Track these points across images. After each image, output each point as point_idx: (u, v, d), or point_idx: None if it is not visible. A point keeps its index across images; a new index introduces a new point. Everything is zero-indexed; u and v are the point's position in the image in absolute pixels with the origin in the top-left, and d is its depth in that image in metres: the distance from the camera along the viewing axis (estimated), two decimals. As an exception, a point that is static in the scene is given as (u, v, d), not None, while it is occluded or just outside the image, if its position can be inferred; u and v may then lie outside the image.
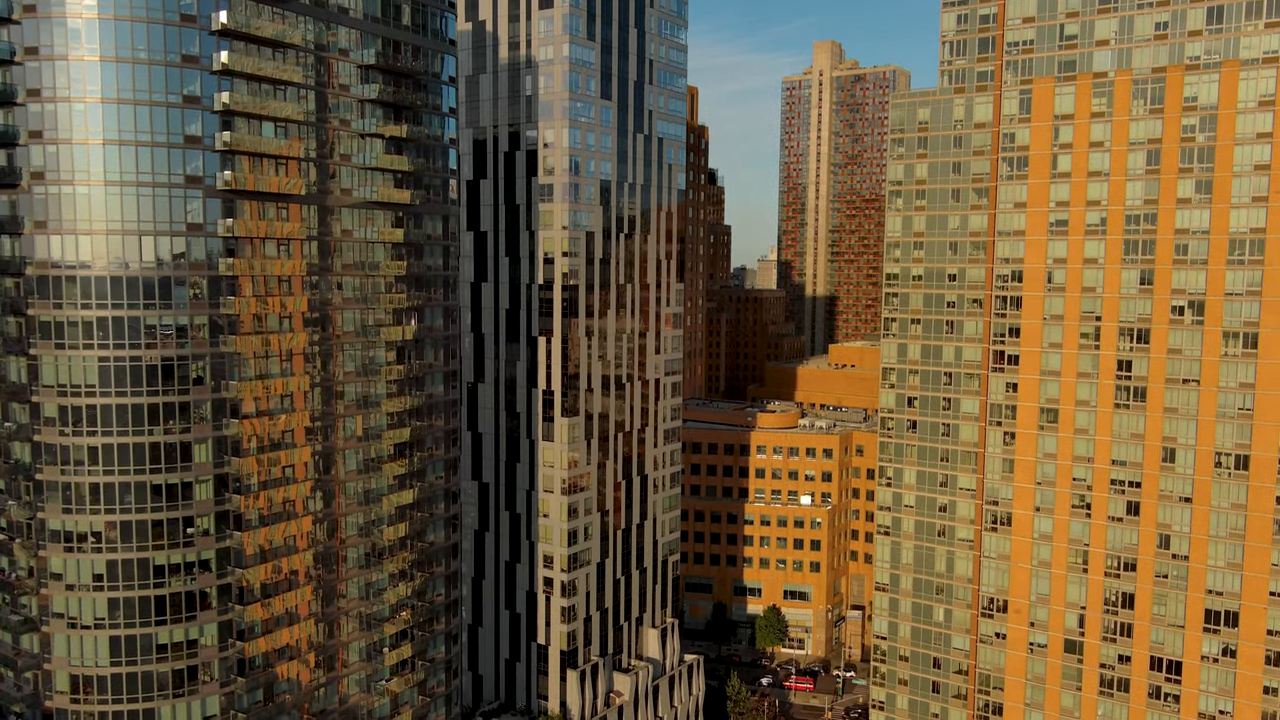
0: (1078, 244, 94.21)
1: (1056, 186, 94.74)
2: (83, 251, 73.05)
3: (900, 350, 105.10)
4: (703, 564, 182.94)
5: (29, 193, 73.07)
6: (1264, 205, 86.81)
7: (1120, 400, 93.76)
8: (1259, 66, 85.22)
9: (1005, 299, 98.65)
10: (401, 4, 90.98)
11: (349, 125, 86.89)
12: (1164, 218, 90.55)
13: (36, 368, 74.11)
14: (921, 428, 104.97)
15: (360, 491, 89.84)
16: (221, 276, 76.83)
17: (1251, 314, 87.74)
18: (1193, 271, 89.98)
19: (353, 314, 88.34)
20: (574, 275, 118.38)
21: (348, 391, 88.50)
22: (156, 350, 74.54)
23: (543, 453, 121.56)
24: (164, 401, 74.92)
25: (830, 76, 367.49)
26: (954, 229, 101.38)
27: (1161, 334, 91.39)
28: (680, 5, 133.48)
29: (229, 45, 76.16)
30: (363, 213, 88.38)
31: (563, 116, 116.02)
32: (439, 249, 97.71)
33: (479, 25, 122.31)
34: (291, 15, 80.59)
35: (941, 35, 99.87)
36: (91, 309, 73.24)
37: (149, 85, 73.51)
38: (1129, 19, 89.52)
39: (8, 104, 72.93)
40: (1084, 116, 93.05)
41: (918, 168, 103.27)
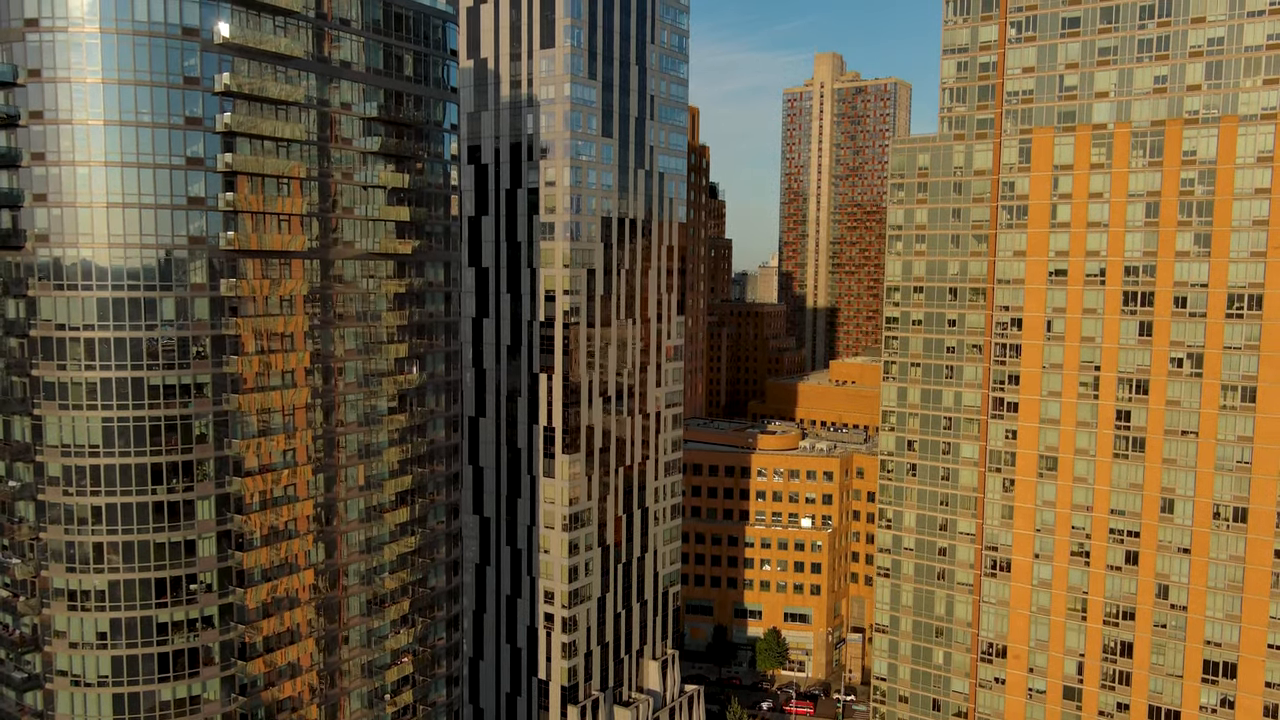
0: (1077, 294, 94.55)
1: (1056, 236, 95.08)
2: (87, 313, 73.42)
3: (900, 394, 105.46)
4: (703, 586, 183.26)
5: (33, 253, 73.46)
6: (1262, 260, 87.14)
7: (1119, 450, 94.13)
8: (1257, 122, 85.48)
9: (1005, 346, 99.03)
10: (403, 55, 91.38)
11: (351, 177, 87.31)
12: (1163, 270, 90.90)
13: (40, 427, 74.53)
14: (921, 471, 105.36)
15: (362, 540, 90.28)
16: (225, 335, 77.22)
17: (1250, 368, 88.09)
18: (1191, 324, 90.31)
19: (354, 365, 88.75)
20: (575, 312, 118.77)
21: (349, 442, 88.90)
22: (160, 409, 74.95)
23: (543, 488, 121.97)
24: (167, 461, 75.34)
25: (831, 88, 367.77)
26: (954, 274, 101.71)
27: (1160, 385, 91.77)
28: (681, 40, 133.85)
29: (231, 106, 76.56)
30: (364, 264, 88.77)
31: (564, 155, 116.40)
32: (440, 295, 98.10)
33: (480, 63, 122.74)
34: (294, 72, 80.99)
35: (941, 82, 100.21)
36: (95, 370, 73.64)
37: (152, 147, 73.89)
38: (1128, 72, 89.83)
39: (12, 166, 73.33)
40: (1083, 167, 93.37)
41: (917, 213, 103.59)
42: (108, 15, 71.87)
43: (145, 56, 72.94)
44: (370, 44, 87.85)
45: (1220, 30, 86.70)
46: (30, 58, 72.13)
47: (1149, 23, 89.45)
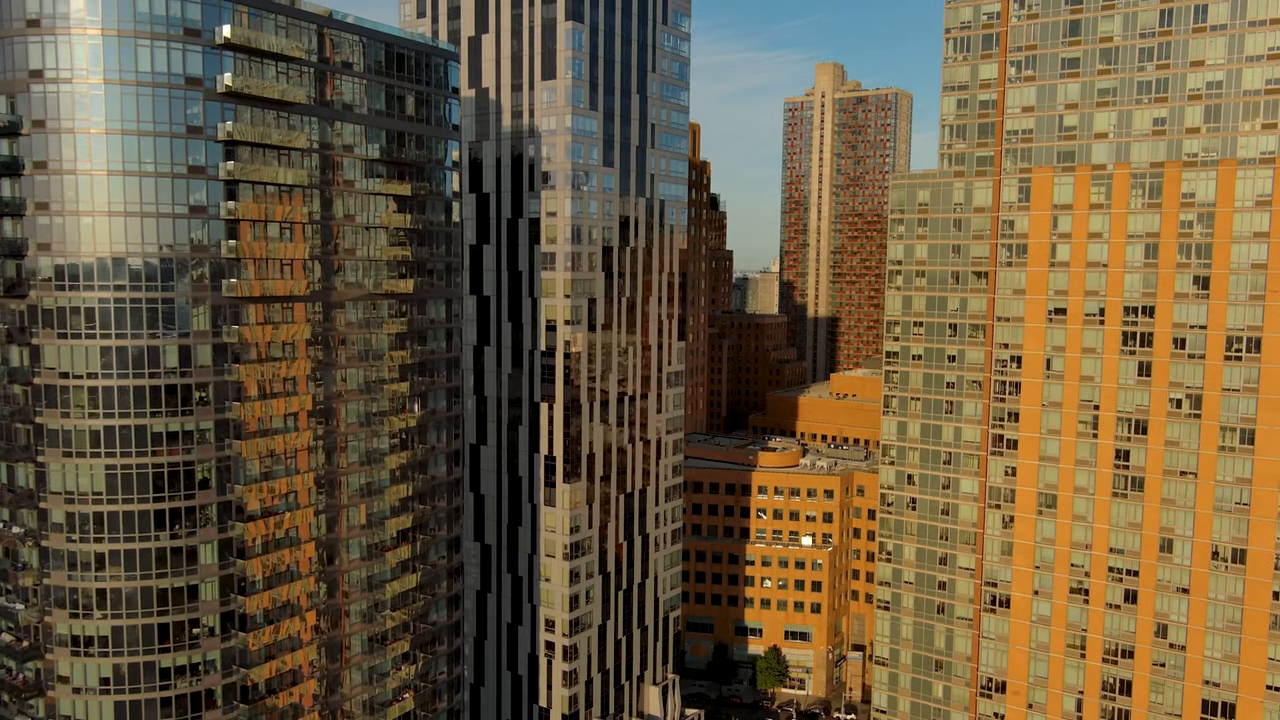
0: (1076, 333, 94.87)
1: (1055, 275, 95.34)
2: (91, 362, 73.80)
3: (900, 428, 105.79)
4: (704, 604, 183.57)
5: (38, 300, 73.85)
6: (1260, 304, 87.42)
7: (1118, 489, 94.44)
8: (1256, 166, 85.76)
9: (1004, 383, 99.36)
10: (405, 94, 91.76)
11: (353, 219, 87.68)
12: (1161, 311, 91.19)
13: (44, 474, 74.92)
14: (921, 505, 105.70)
15: (364, 578, 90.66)
16: (227, 381, 77.61)
17: (1249, 410, 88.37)
18: (1190, 365, 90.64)
19: (356, 405, 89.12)
20: (576, 341, 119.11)
21: (351, 481, 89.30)
22: (163, 456, 75.36)
23: (544, 517, 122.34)
24: (170, 507, 75.77)
25: (832, 98, 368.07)
26: (953, 310, 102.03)
27: (1159, 426, 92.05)
28: (682, 67, 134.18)
29: (234, 153, 76.93)
30: (366, 303, 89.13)
31: (565, 186, 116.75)
32: (442, 331, 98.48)
33: (482, 92, 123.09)
34: (297, 118, 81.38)
35: (941, 118, 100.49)
36: (99, 418, 74.01)
37: (155, 195, 74.25)
38: (1127, 113, 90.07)
39: (16, 215, 73.77)
40: (1083, 207, 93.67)
41: (917, 248, 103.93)
42: (111, 66, 72.27)
43: (149, 106, 73.35)
44: (372, 86, 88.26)
45: (1219, 74, 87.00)
46: (34, 109, 72.54)
47: (1148, 65, 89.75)
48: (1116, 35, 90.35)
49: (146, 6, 72.95)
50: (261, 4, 78.17)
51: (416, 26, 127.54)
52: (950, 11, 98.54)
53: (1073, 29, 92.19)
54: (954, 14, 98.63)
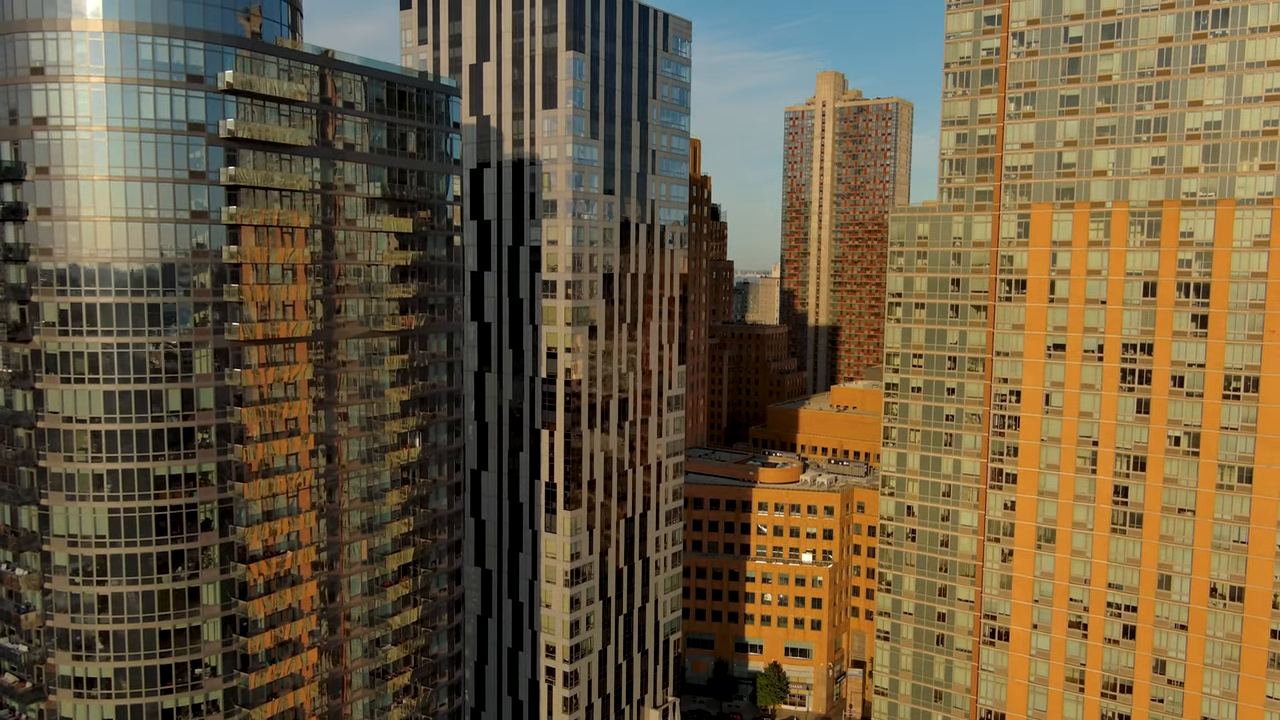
0: (1075, 369, 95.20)
1: (1054, 311, 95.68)
2: (94, 406, 74.21)
3: (899, 459, 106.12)
4: (704, 620, 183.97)
5: (42, 347, 74.27)
6: (1259, 344, 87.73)
7: (1117, 525, 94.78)
8: (1254, 206, 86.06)
9: (1004, 418, 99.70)
10: (407, 132, 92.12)
11: (355, 257, 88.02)
12: (1160, 349, 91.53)
13: (48, 517, 75.33)
14: (920, 537, 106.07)
15: (365, 614, 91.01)
16: (230, 424, 77.99)
17: (1247, 449, 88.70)
18: (1189, 404, 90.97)
19: (357, 442, 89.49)
20: (576, 369, 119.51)
21: (353, 518, 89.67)
22: (166, 499, 75.77)
23: (545, 544, 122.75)
24: (172, 550, 76.18)
25: (833, 107, 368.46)
26: (953, 343, 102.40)
27: (1158, 463, 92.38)
28: (682, 93, 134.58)
29: (237, 197, 77.30)
30: (368, 341, 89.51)
31: (566, 214, 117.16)
32: (443, 365, 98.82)
33: (484, 120, 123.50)
34: (299, 160, 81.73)
35: (941, 152, 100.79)
36: (102, 461, 74.42)
37: (158, 240, 74.65)
38: (1126, 152, 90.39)
39: (21, 261, 74.18)
40: (1081, 244, 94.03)
41: (917, 281, 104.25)
42: (114, 113, 72.66)
43: (151, 153, 73.76)
44: (374, 124, 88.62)
45: (1217, 114, 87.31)
46: (38, 155, 72.97)
47: (1147, 104, 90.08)
48: (1115, 74, 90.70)
49: (150, 54, 73.37)
50: (263, 47, 78.55)
51: (418, 53, 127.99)
52: (950, 47, 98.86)
53: (1072, 66, 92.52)
54: (953, 49, 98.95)
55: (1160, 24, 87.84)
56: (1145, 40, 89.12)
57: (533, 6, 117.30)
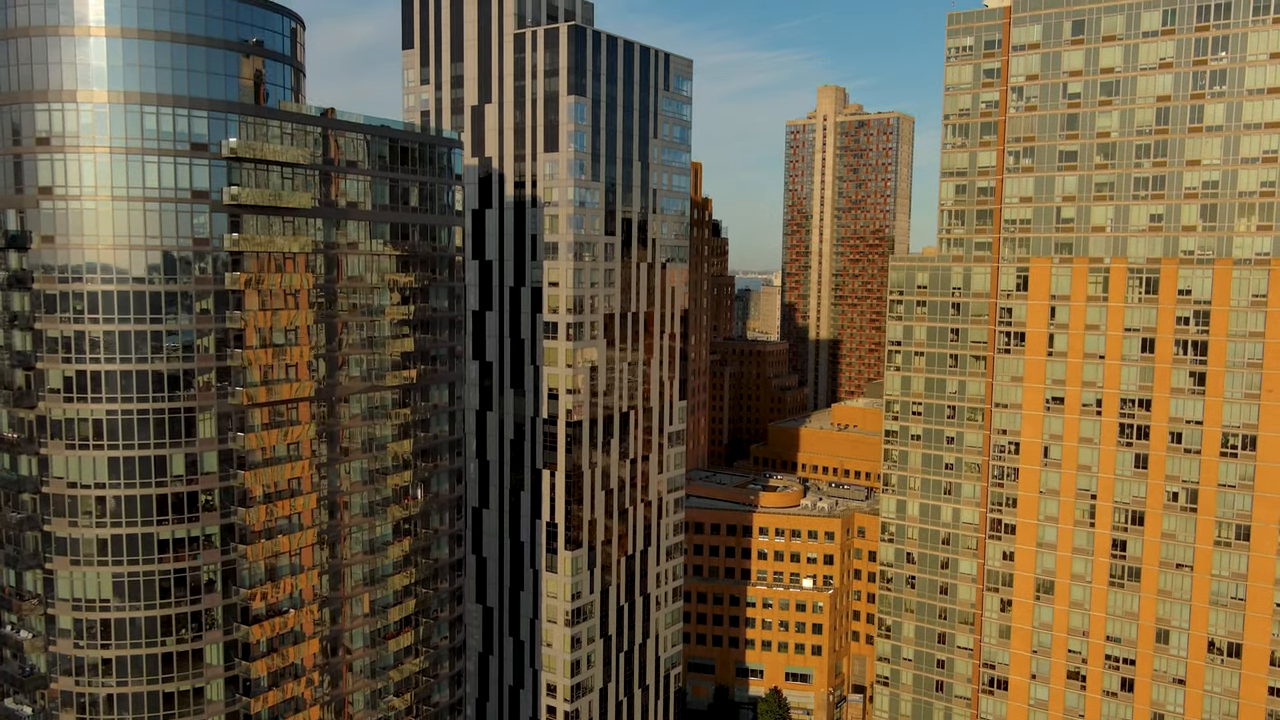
0: (1074, 422, 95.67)
1: (1053, 364, 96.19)
2: (99, 471, 74.80)
3: (899, 506, 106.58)
4: (705, 645, 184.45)
5: (47, 413, 74.81)
6: (1256, 403, 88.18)
7: (1115, 578, 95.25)
8: (1251, 266, 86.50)
9: (1003, 469, 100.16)
10: (409, 187, 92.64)
11: (357, 313, 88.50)
12: (1158, 405, 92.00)
13: (53, 581, 75.90)
14: (920, 584, 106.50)
15: (367, 666, 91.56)
16: (233, 487, 78.55)
17: (1244, 506, 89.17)
18: (1187, 460, 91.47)
19: (359, 497, 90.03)
20: (578, 410, 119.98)
21: (354, 572, 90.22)
22: (169, 563, 76.35)
23: (546, 583, 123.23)
24: (176, 613, 76.76)
25: (834, 121, 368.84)
26: (952, 393, 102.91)
27: (1156, 518, 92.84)
28: (683, 131, 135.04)
29: (241, 263, 77.81)
30: (369, 396, 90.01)
31: (567, 257, 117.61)
32: (445, 416, 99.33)
33: (486, 161, 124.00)
34: (302, 221, 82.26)
35: (940, 203, 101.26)
36: (106, 527, 74.95)
37: (162, 308, 75.18)
38: (1124, 208, 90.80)
39: (27, 328, 74.78)
40: (1080, 299, 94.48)
41: (916, 329, 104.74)
42: (119, 182, 73.24)
43: (156, 221, 74.32)
44: (377, 182, 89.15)
45: (1215, 174, 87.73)
46: (44, 224, 73.53)
47: (1145, 161, 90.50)
48: (1114, 131, 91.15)
49: (154, 123, 73.95)
50: (266, 112, 79.11)
51: (420, 92, 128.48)
52: (949, 98, 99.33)
53: (1070, 122, 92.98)
54: (953, 101, 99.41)
55: (1158, 83, 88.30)
56: (1143, 99, 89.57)
57: (534, 50, 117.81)
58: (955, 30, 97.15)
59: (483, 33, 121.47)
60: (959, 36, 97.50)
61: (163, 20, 73.59)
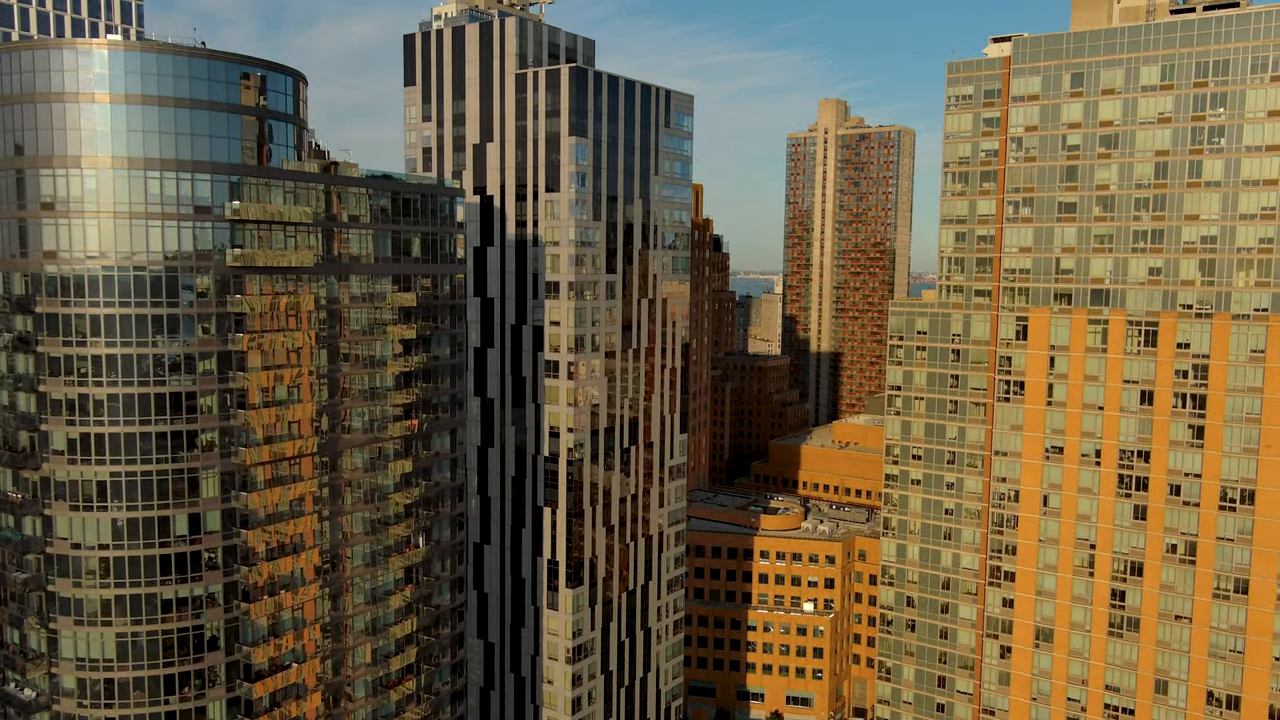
0: (1073, 472, 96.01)
1: (1052, 414, 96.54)
2: (102, 533, 75.24)
3: (899, 550, 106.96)
4: (706, 668, 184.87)
5: (51, 474, 75.28)
6: (1254, 457, 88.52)
7: (1114, 628, 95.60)
8: (1250, 321, 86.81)
9: (1002, 516, 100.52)
10: (411, 238, 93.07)
11: (359, 366, 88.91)
12: (1157, 457, 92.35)
13: (56, 640, 76.39)
14: (920, 628, 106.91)
15: (369, 715, 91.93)
16: (236, 545, 79.00)
17: (1243, 559, 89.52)
18: (1185, 512, 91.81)
19: (362, 548, 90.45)
20: (579, 448, 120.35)
21: (357, 623, 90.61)
22: (173, 623, 76.83)
23: (547, 620, 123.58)
24: (179, 671, 77.18)
25: (835, 134, 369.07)
26: (951, 439, 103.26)
27: (1155, 569, 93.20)
28: (684, 166, 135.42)
29: (244, 323, 78.23)
30: (371, 447, 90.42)
31: (568, 296, 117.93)
32: (447, 463, 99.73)
33: (487, 200, 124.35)
34: (305, 276, 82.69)
35: (940, 250, 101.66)
36: (110, 587, 75.43)
37: (166, 370, 75.65)
38: (1123, 261, 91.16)
39: (31, 390, 75.24)
40: (1079, 349, 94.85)
41: (916, 374, 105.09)
42: (123, 247, 73.68)
43: (160, 285, 74.71)
44: (379, 235, 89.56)
45: (1214, 229, 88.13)
46: (48, 287, 73.96)
47: (1144, 214, 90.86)
48: (1113, 184, 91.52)
49: (158, 187, 74.39)
50: (269, 173, 79.57)
51: (422, 129, 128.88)
52: (949, 146, 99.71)
53: (1070, 174, 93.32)
54: (953, 149, 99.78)
55: (1157, 137, 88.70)
56: (1142, 152, 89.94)
57: (536, 91, 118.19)
58: (955, 79, 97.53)
59: (484, 72, 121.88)
60: (959, 85, 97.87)
61: (166, 86, 74.08)
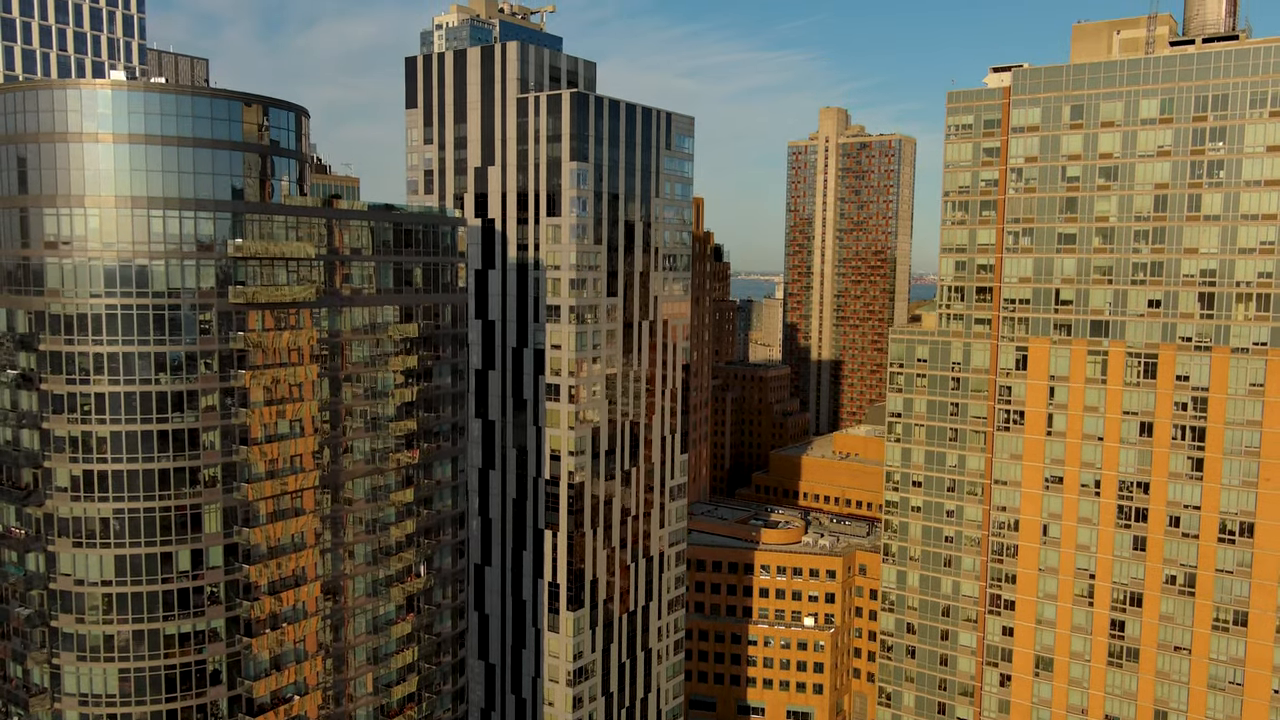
0: (1072, 502, 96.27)
1: (1052, 444, 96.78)
2: (106, 570, 75.54)
3: (900, 577, 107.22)
4: (706, 682, 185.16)
5: (55, 511, 75.61)
6: (1253, 490, 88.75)
7: (1114, 658, 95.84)
8: (1249, 355, 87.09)
9: (1002, 545, 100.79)
10: (413, 269, 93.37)
11: (361, 398, 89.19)
12: (1156, 489, 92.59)
13: (59, 676, 76.68)
14: (920, 654, 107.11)
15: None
16: (238, 580, 79.30)
17: (1242, 592, 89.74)
18: (1184, 544, 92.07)
19: (363, 579, 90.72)
20: (580, 471, 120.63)
21: (359, 652, 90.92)
22: (175, 658, 77.12)
23: (548, 643, 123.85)
24: (181, 706, 77.47)
25: (836, 143, 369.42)
26: (952, 467, 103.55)
27: (1154, 600, 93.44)
28: (685, 188, 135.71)
29: (247, 359, 78.53)
30: (373, 477, 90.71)
31: (569, 321, 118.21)
32: (448, 491, 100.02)
33: (489, 223, 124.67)
34: (306, 311, 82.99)
35: (940, 278, 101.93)
36: (113, 624, 75.76)
37: (169, 407, 75.97)
38: (1123, 292, 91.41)
39: (34, 426, 75.57)
40: (1079, 380, 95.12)
41: (916, 402, 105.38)
42: (126, 286, 73.96)
43: (164, 324, 75.05)
44: (381, 267, 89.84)
45: (1213, 262, 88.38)
46: (51, 325, 74.32)
47: (1144, 247, 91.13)
48: (1113, 216, 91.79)
49: (160, 226, 74.72)
50: (272, 209, 79.92)
51: (424, 151, 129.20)
52: (949, 175, 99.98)
53: (1069, 205, 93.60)
54: (953, 178, 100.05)
55: (1156, 170, 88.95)
56: (1142, 185, 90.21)
57: (537, 115, 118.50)
58: (955, 108, 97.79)
59: (486, 95, 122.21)
60: (959, 114, 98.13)
61: (169, 125, 74.44)
